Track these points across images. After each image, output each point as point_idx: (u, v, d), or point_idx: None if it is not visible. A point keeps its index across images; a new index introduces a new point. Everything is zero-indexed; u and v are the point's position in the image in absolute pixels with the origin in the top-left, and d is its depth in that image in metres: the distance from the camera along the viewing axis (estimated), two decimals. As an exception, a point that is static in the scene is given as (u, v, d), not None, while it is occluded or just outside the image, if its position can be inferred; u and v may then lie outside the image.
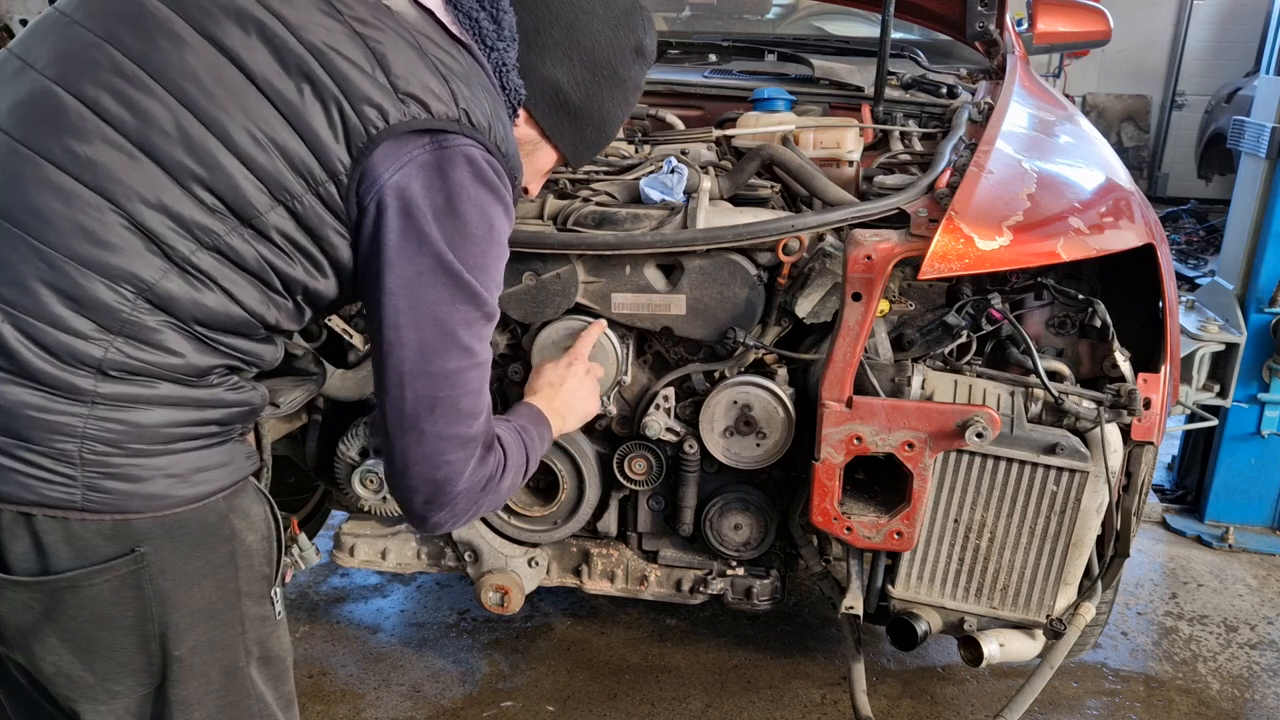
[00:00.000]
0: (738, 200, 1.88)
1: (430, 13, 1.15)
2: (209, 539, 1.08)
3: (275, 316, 1.09)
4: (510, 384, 1.93)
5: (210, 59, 1.01)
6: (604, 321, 1.76)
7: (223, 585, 1.11)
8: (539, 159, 1.33)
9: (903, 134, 2.14)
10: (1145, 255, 1.73)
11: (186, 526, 1.06)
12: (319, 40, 1.03)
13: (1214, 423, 3.14)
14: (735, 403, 1.80)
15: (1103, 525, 1.75)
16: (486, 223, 1.11)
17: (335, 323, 1.84)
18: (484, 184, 1.11)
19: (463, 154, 1.08)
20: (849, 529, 1.73)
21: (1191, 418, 3.17)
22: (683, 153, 1.97)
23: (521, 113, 1.26)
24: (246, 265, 1.03)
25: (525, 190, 1.36)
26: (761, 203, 1.88)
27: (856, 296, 1.62)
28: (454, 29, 1.15)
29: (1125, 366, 1.73)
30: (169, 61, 1.00)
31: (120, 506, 1.01)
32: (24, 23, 5.56)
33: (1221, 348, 3.01)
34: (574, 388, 1.50)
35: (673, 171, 1.83)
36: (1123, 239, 1.69)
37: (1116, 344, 1.73)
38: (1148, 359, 1.82)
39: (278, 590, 1.19)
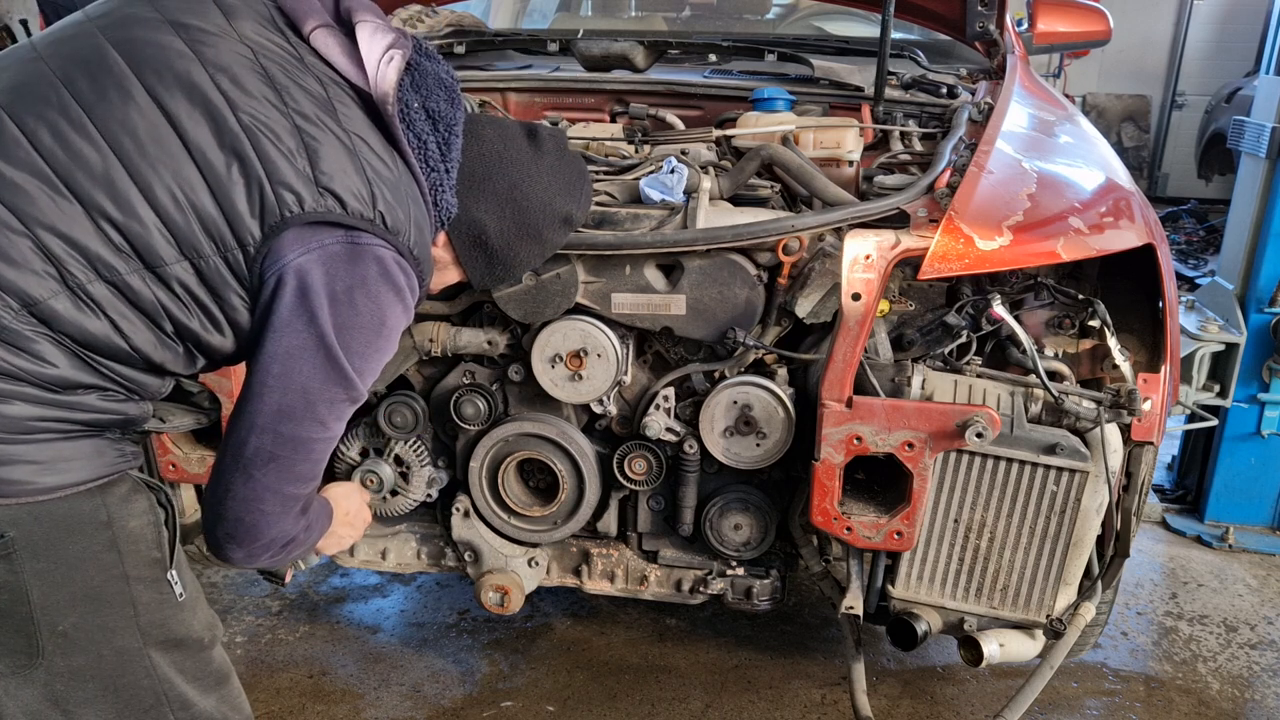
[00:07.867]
0: (738, 200, 1.88)
1: (377, 117, 1.20)
2: (83, 525, 1.11)
3: (161, 357, 1.14)
4: (510, 384, 1.94)
5: (153, 119, 1.08)
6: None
7: (106, 570, 1.14)
8: (446, 275, 1.45)
9: (903, 134, 2.13)
10: (1145, 255, 1.73)
11: (55, 513, 1.09)
12: (257, 125, 1.10)
13: (1214, 423, 3.13)
14: (735, 403, 1.80)
15: (1103, 525, 1.75)
16: (379, 317, 1.18)
17: None
18: (388, 283, 1.17)
19: (373, 253, 1.15)
20: (849, 529, 1.73)
21: (1191, 418, 3.17)
22: (683, 153, 1.96)
23: (442, 236, 1.36)
24: (141, 304, 1.09)
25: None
26: (761, 203, 1.88)
27: (856, 296, 1.62)
28: (400, 139, 1.21)
29: (1125, 366, 1.73)
30: (113, 113, 1.07)
31: None
32: (24, 23, 5.56)
33: (1221, 348, 3.01)
34: (353, 522, 1.57)
35: (673, 171, 1.83)
36: (1123, 239, 1.69)
37: (1116, 344, 1.73)
38: (1148, 359, 1.82)
39: (175, 574, 1.21)
